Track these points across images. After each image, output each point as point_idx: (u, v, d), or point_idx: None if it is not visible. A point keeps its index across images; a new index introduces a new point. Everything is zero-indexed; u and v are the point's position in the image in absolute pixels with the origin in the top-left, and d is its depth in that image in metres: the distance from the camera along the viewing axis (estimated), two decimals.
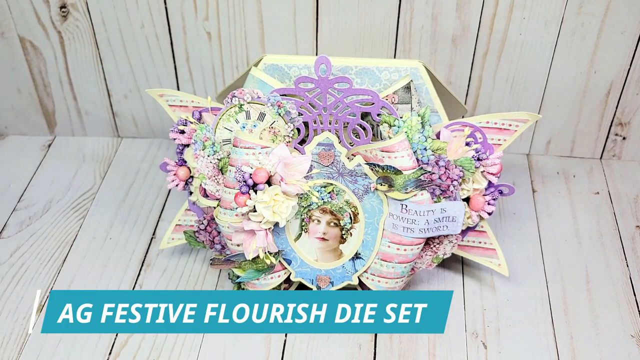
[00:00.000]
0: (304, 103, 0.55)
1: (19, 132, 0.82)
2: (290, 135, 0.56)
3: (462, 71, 0.72)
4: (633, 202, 0.72)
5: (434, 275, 0.65)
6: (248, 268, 0.57)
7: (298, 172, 0.55)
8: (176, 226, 0.64)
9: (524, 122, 0.58)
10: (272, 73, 0.57)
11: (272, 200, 0.53)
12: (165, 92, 0.60)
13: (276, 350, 0.59)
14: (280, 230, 0.57)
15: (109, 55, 0.74)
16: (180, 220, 0.64)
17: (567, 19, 0.67)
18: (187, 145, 0.59)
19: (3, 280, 0.65)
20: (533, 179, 0.75)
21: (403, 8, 0.67)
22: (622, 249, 0.67)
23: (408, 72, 0.57)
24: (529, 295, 0.63)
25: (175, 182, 0.60)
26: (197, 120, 0.59)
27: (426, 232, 0.56)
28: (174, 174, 0.61)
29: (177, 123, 0.59)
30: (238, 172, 0.54)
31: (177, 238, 0.64)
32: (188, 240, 0.62)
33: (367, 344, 0.59)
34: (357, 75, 0.57)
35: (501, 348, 0.59)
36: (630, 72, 0.70)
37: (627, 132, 0.75)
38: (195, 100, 0.60)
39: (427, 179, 0.55)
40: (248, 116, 0.56)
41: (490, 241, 0.63)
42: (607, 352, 0.58)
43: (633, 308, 0.62)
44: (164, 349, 0.59)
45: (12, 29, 0.73)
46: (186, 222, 0.64)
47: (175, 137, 0.59)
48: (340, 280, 0.58)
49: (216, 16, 0.70)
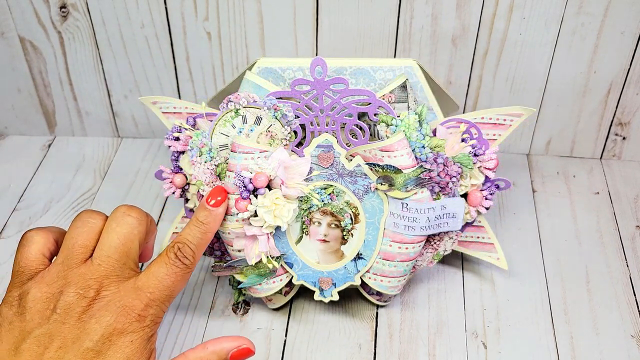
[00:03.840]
0: (300, 105, 0.55)
1: (19, 132, 0.82)
2: (287, 138, 0.56)
3: (462, 71, 0.72)
4: (633, 202, 0.72)
5: (434, 275, 0.65)
6: (250, 273, 0.57)
7: (298, 175, 0.55)
8: (173, 234, 0.64)
9: (519, 116, 0.58)
10: (267, 76, 0.57)
11: (273, 204, 0.53)
12: (158, 99, 0.60)
13: (276, 350, 0.59)
14: (281, 234, 0.57)
15: (109, 55, 0.74)
16: (177, 228, 0.64)
17: (567, 18, 0.67)
18: (182, 152, 0.59)
19: (3, 280, 0.65)
20: (533, 179, 0.75)
21: (403, 8, 0.67)
22: (622, 249, 0.67)
23: (402, 71, 0.57)
24: (529, 295, 0.63)
25: (172, 189, 0.60)
26: (192, 126, 0.59)
27: (427, 230, 0.57)
28: (170, 181, 0.60)
29: (171, 130, 0.59)
30: (238, 177, 0.54)
31: None
32: None
33: (367, 344, 0.59)
34: (351, 76, 0.57)
35: (501, 348, 0.59)
36: (630, 72, 0.70)
37: (627, 132, 0.75)
38: (189, 106, 0.60)
39: (426, 177, 0.55)
40: (244, 120, 0.56)
41: (488, 236, 0.63)
42: (607, 352, 0.59)
43: (633, 308, 0.62)
44: (164, 348, 0.59)
45: (12, 29, 0.73)
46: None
47: (170, 144, 0.59)
48: (342, 281, 0.58)
49: (216, 16, 0.69)
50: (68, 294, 0.45)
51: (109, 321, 0.45)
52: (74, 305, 0.45)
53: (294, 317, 0.62)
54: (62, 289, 0.46)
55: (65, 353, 0.44)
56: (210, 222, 0.52)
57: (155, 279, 0.48)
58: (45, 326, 0.44)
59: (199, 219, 0.52)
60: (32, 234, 0.49)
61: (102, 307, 0.45)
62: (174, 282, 0.48)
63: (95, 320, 0.45)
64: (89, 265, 0.47)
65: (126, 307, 0.46)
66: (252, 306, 0.63)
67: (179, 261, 0.49)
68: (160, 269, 0.48)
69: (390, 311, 0.62)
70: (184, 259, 0.49)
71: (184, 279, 0.49)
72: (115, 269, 0.47)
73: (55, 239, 0.49)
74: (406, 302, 0.63)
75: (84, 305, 0.45)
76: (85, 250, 0.47)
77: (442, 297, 0.63)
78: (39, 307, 0.45)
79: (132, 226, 0.48)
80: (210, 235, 0.52)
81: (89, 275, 0.46)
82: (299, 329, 0.61)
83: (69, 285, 0.46)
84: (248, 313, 0.62)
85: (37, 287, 0.46)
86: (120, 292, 0.46)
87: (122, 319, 0.45)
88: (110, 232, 0.48)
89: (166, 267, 0.48)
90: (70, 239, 0.48)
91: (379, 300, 0.61)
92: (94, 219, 0.49)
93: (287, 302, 0.62)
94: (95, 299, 0.45)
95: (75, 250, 0.47)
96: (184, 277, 0.49)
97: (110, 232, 0.48)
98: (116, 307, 0.45)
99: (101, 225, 0.49)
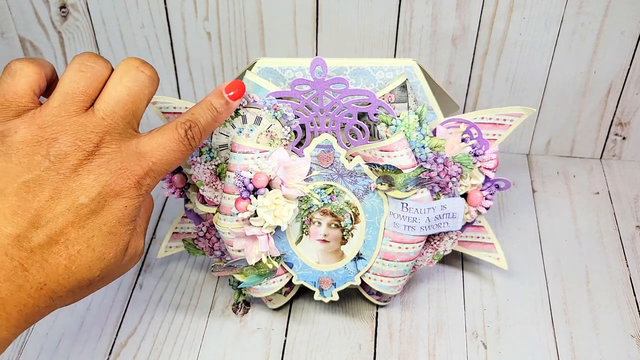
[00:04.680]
0: (300, 105, 0.55)
1: None
2: (287, 138, 0.56)
3: (462, 71, 0.72)
4: (633, 202, 0.72)
5: (434, 275, 0.65)
6: (250, 273, 0.57)
7: (298, 175, 0.54)
8: (173, 234, 0.64)
9: (519, 116, 0.58)
10: (267, 76, 0.57)
11: (273, 204, 0.53)
12: (158, 99, 0.60)
13: (276, 350, 0.59)
14: (281, 234, 0.57)
15: (109, 55, 0.74)
16: (177, 228, 0.64)
17: (567, 18, 0.67)
18: None
19: None
20: (533, 179, 0.75)
21: (403, 8, 0.67)
22: (622, 249, 0.67)
23: (402, 71, 0.57)
24: (529, 295, 0.63)
25: (172, 189, 0.60)
26: None
27: (427, 230, 0.56)
28: (169, 181, 0.60)
29: None
30: (238, 177, 0.54)
31: (175, 246, 0.64)
32: (187, 248, 0.62)
33: (367, 344, 0.59)
34: (351, 76, 0.57)
35: (501, 348, 0.59)
36: (630, 72, 0.70)
37: (627, 132, 0.75)
38: (189, 106, 0.60)
39: (426, 177, 0.55)
40: (244, 120, 0.56)
41: (488, 235, 0.63)
42: (607, 352, 0.59)
43: (633, 308, 0.62)
44: (164, 348, 0.59)
45: (12, 29, 0.73)
46: (183, 229, 0.64)
47: None
48: (342, 282, 0.58)
49: (216, 16, 0.70)
50: (64, 142, 0.41)
51: (107, 181, 0.41)
52: (69, 157, 0.41)
53: (294, 317, 0.62)
54: (56, 136, 0.41)
55: (57, 205, 0.40)
56: (223, 112, 0.48)
57: (161, 149, 0.44)
58: (35, 172, 0.40)
59: (214, 105, 0.48)
60: (22, 65, 0.42)
61: (102, 164, 0.41)
62: (177, 159, 0.45)
63: (94, 177, 0.41)
64: (91, 116, 0.42)
65: (127, 170, 0.42)
66: (252, 306, 0.63)
67: (187, 140, 0.45)
68: (168, 142, 0.44)
69: (390, 311, 0.62)
70: (192, 139, 0.45)
71: (185, 158, 0.46)
72: (119, 126, 0.42)
73: (46, 74, 0.44)
74: (406, 302, 0.63)
75: (81, 158, 0.41)
76: (86, 98, 0.42)
77: (442, 297, 0.63)
78: (28, 151, 0.40)
79: (144, 85, 0.44)
80: (218, 123, 0.48)
81: (90, 127, 0.41)
82: (299, 329, 0.61)
83: (66, 134, 0.41)
84: (248, 313, 0.62)
85: (27, 127, 0.41)
86: (122, 152, 0.42)
87: (121, 181, 0.42)
88: (119, 85, 0.43)
89: (175, 142, 0.44)
90: (69, 82, 0.42)
91: (379, 300, 0.61)
92: (99, 65, 0.43)
93: (287, 302, 0.62)
94: (95, 154, 0.41)
95: (76, 95, 0.42)
96: (185, 157, 0.45)
97: (119, 85, 0.43)
98: (116, 167, 0.42)
99: (106, 74, 0.44)
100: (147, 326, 0.61)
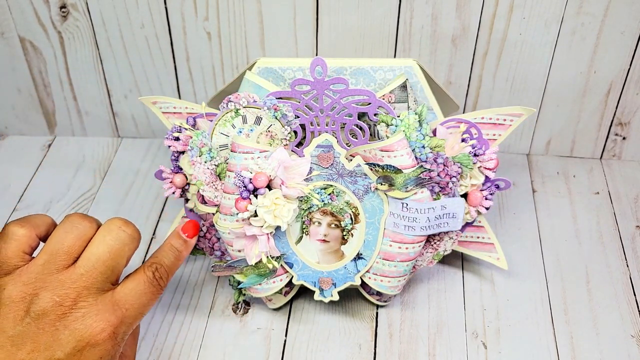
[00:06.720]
0: (300, 105, 0.55)
1: (19, 132, 0.82)
2: (287, 138, 0.56)
3: (462, 71, 0.72)
4: (633, 202, 0.72)
5: (434, 275, 0.65)
6: (250, 273, 0.57)
7: (298, 175, 0.54)
8: None
9: (519, 116, 0.58)
10: (267, 76, 0.57)
11: (273, 204, 0.53)
12: (159, 99, 0.60)
13: (276, 350, 0.59)
14: (281, 234, 0.57)
15: (109, 55, 0.74)
16: None
17: (567, 19, 0.67)
18: (182, 152, 0.59)
19: None
20: (533, 179, 0.75)
21: (403, 8, 0.67)
22: (622, 249, 0.67)
23: (402, 71, 0.57)
24: (529, 295, 0.63)
25: (172, 189, 0.60)
26: (192, 126, 0.59)
27: (427, 230, 0.56)
28: (170, 181, 0.60)
29: (171, 130, 0.59)
30: (238, 177, 0.54)
31: None
32: None
33: (367, 344, 0.59)
34: (351, 76, 0.57)
35: (501, 348, 0.59)
36: (630, 72, 0.70)
37: (627, 132, 0.75)
38: (189, 106, 0.60)
39: (426, 177, 0.55)
40: (244, 120, 0.56)
41: (488, 236, 0.63)
42: (607, 352, 0.59)
43: (633, 308, 0.62)
44: (164, 348, 0.59)
45: (12, 29, 0.73)
46: None
47: (170, 144, 0.59)
48: (342, 282, 0.58)
49: (216, 16, 0.69)
50: (44, 299, 0.45)
51: (82, 335, 0.45)
52: (48, 312, 0.45)
53: (294, 317, 0.62)
54: (37, 292, 0.45)
55: (37, 357, 0.44)
56: (183, 251, 0.53)
57: (133, 293, 0.48)
58: (18, 327, 0.44)
59: (175, 246, 0.53)
60: (15, 228, 0.48)
61: (78, 318, 0.45)
62: (149, 301, 0.49)
63: (69, 331, 0.45)
64: (71, 273, 0.46)
65: (102, 322, 0.46)
66: (252, 306, 0.63)
67: (155, 280, 0.49)
68: (138, 285, 0.48)
69: (390, 311, 0.62)
70: (160, 280, 0.50)
71: (156, 299, 0.50)
72: (97, 281, 0.47)
73: (38, 234, 0.48)
74: (406, 302, 0.63)
75: (59, 313, 0.45)
76: (68, 257, 0.47)
77: (442, 297, 0.63)
78: (13, 307, 0.45)
79: (124, 243, 0.48)
80: (181, 262, 0.53)
81: (69, 283, 0.46)
82: (299, 329, 0.61)
83: (46, 289, 0.45)
84: (248, 313, 0.62)
85: (14, 284, 0.45)
86: (97, 304, 0.46)
87: (96, 333, 0.45)
88: (101, 243, 0.47)
89: (144, 285, 0.49)
90: (56, 242, 0.47)
91: (379, 300, 0.61)
92: (83, 224, 0.48)
93: (287, 302, 0.62)
94: (72, 308, 0.45)
95: (59, 255, 0.46)
96: (156, 297, 0.50)
97: (101, 243, 0.47)
98: (92, 320, 0.45)
99: (90, 233, 0.48)
100: (147, 326, 0.61)
